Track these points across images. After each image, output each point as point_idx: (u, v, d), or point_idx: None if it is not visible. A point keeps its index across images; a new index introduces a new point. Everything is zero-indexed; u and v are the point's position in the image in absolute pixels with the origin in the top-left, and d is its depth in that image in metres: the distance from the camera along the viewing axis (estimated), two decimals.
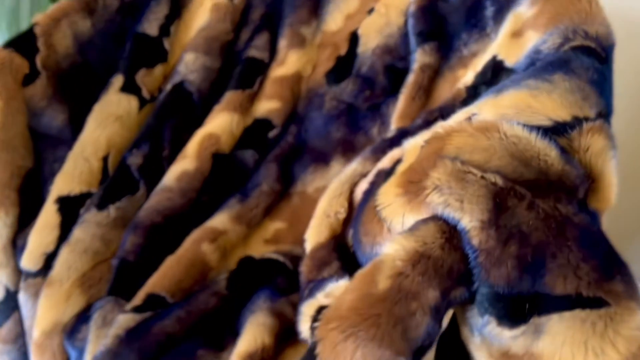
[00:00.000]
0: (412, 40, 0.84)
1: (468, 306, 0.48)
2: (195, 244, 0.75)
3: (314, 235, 0.68)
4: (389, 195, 0.52)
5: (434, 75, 0.80)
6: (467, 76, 0.76)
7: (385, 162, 0.63)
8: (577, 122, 0.52)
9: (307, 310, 0.54)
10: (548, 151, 0.49)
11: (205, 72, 0.87)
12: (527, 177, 0.47)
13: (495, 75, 0.72)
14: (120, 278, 0.74)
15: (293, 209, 0.83)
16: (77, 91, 0.83)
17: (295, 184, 0.85)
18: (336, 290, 0.52)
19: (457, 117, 0.58)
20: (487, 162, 0.48)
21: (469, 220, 0.45)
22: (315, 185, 0.84)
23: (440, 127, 0.54)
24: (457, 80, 0.78)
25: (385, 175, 0.58)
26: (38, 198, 0.82)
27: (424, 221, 0.48)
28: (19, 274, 0.79)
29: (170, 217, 0.78)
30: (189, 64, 0.87)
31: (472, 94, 0.73)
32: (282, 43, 0.90)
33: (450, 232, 0.46)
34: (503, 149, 0.48)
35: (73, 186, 0.80)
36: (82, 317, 0.74)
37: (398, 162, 0.57)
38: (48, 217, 0.79)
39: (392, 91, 0.85)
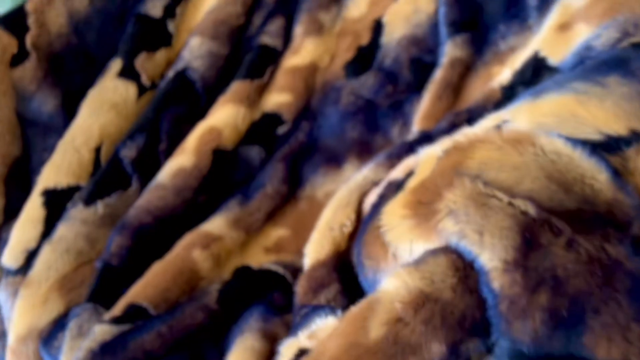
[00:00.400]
0: (443, 30, 0.74)
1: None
2: (186, 249, 0.68)
3: (314, 250, 0.60)
4: (394, 216, 0.43)
5: (465, 71, 0.70)
6: (503, 74, 0.66)
7: (397, 171, 0.54)
8: (635, 137, 0.41)
9: (286, 351, 0.46)
10: (596, 173, 0.39)
11: (211, 58, 0.79)
12: (567, 206, 0.37)
13: (536, 74, 0.62)
14: (102, 283, 0.67)
15: (299, 215, 0.74)
16: (70, 75, 0.77)
17: (304, 187, 0.76)
18: (321, 331, 0.44)
19: (485, 124, 0.48)
20: (516, 185, 0.38)
21: (490, 258, 0.36)
22: (326, 190, 0.75)
23: (463, 134, 0.45)
24: (492, 78, 0.68)
25: (395, 188, 0.49)
26: (26, 189, 0.75)
27: (434, 253, 0.39)
28: (1, 270, 0.73)
29: (161, 218, 0.71)
30: (193, 50, 0.79)
31: (508, 95, 0.63)
32: (298, 30, 0.81)
33: (465, 270, 0.37)
34: (538, 168, 0.39)
35: (60, 178, 0.73)
36: (59, 324, 0.67)
37: (411, 174, 0.48)
38: (32, 210, 0.73)
39: (417, 88, 0.75)
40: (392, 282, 0.38)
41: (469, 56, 0.70)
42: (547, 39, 0.62)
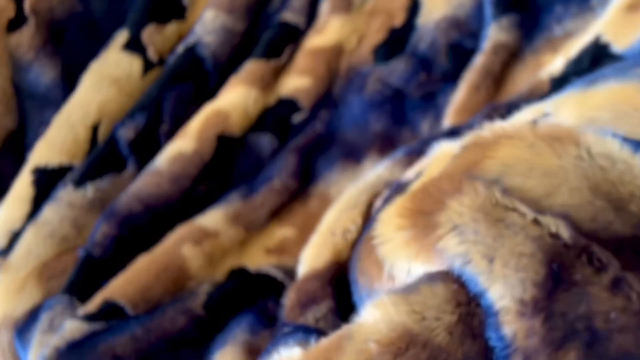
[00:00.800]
0: (488, 11, 0.63)
1: None
2: (175, 244, 0.60)
3: (311, 257, 0.51)
4: (389, 227, 0.34)
5: (509, 59, 0.60)
6: (555, 63, 0.55)
7: (411, 171, 0.45)
8: None
9: None
10: None
11: (225, 34, 0.71)
12: (617, 230, 0.27)
13: (595, 63, 0.51)
14: (81, 275, 0.61)
15: (308, 214, 0.65)
16: (72, 45, 0.70)
17: (316, 183, 0.67)
18: None
19: (520, 117, 0.38)
20: (547, 196, 0.28)
21: (501, 294, 0.26)
22: (340, 188, 0.66)
23: (489, 129, 0.35)
24: (541, 68, 0.57)
25: (401, 189, 0.39)
26: (20, 164, 0.70)
27: (431, 279, 0.29)
28: None
29: (154, 208, 0.63)
30: (206, 24, 0.71)
31: (559, 88, 0.53)
32: (324, 6, 0.72)
33: (469, 307, 0.28)
34: (580, 175, 0.29)
35: (53, 156, 0.67)
36: (34, 315, 0.61)
37: (421, 174, 0.39)
38: (20, 189, 0.67)
39: (454, 77, 0.65)
40: (372, 312, 0.29)
41: (516, 41, 0.60)
42: (612, 22, 0.51)
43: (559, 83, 0.53)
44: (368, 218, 0.52)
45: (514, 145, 0.31)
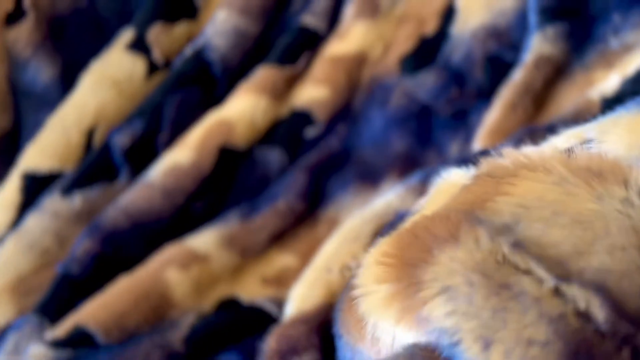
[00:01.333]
0: (532, 19, 0.55)
1: None
2: (160, 267, 0.54)
3: (301, 297, 0.44)
4: (370, 275, 0.26)
5: (554, 74, 0.51)
6: (609, 81, 0.46)
7: (422, 201, 0.37)
8: None
9: None
10: None
11: (237, 37, 0.65)
12: None
13: None
14: (56, 294, 0.55)
15: (315, 240, 0.57)
16: (73, 42, 0.65)
17: (326, 207, 0.59)
18: None
19: (553, 142, 0.30)
20: (577, 255, 0.20)
21: None
22: (354, 213, 0.58)
23: (510, 155, 0.27)
24: (592, 85, 0.48)
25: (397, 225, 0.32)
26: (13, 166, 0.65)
27: (410, 355, 0.21)
28: None
29: (142, 224, 0.57)
30: (217, 25, 0.65)
31: (611, 110, 0.44)
32: (349, 10, 0.65)
33: None
34: (627, 228, 0.20)
35: (43, 160, 0.62)
36: (4, 333, 0.55)
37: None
38: (8, 194, 0.62)
39: (491, 94, 0.57)
40: None
41: (563, 54, 0.51)
42: None
43: (612, 104, 0.44)
44: None
45: (537, 180, 0.23)
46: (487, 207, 0.22)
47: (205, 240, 0.56)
